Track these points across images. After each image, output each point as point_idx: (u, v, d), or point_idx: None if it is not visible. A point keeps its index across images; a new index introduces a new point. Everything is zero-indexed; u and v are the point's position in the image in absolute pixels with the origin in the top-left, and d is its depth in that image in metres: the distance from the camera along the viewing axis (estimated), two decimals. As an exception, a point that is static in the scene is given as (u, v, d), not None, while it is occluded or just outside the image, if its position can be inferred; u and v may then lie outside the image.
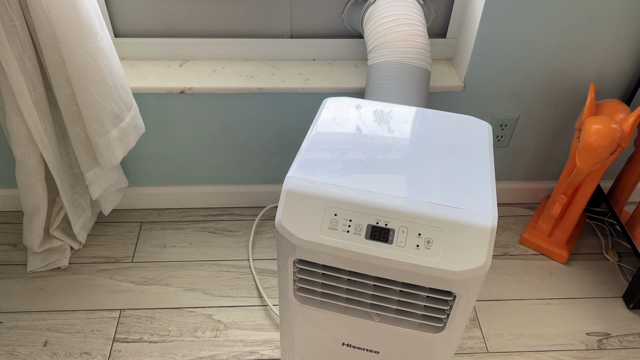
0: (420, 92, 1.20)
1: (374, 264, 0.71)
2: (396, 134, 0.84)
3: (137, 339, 1.29)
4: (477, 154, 0.81)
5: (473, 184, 0.75)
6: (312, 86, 1.33)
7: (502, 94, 1.39)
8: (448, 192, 0.74)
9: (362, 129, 0.84)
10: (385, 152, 0.80)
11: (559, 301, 1.41)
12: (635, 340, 1.33)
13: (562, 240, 1.50)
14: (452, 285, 0.71)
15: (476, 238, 0.70)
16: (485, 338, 1.33)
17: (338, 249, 0.71)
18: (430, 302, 0.74)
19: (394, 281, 0.74)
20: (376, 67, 1.22)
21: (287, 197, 0.74)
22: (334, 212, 0.72)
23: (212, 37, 1.37)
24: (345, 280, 0.77)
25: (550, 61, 1.32)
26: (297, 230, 0.72)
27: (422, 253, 0.70)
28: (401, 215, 0.71)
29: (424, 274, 0.70)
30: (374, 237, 0.71)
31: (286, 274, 0.78)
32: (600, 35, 1.28)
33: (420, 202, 0.72)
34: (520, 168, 1.58)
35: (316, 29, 1.38)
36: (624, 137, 1.22)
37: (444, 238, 0.70)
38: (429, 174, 0.76)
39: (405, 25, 1.21)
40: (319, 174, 0.75)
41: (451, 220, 0.70)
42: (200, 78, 1.34)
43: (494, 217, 0.71)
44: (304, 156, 0.79)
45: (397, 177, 0.76)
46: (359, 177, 0.75)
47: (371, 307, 0.79)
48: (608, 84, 1.38)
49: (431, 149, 0.81)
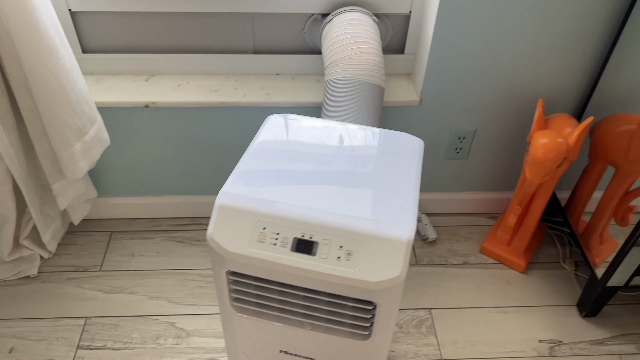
0: (373, 108, 1.25)
1: (298, 275, 0.75)
2: (331, 150, 0.88)
3: (100, 346, 1.32)
4: (405, 169, 0.85)
5: (396, 198, 0.79)
6: (273, 100, 1.38)
7: (459, 108, 1.43)
8: (371, 206, 0.78)
9: (299, 145, 0.89)
10: (317, 168, 0.84)
11: (514, 309, 1.45)
12: (586, 347, 1.37)
13: (520, 250, 1.54)
14: (371, 295, 0.75)
15: (393, 250, 0.74)
16: (440, 345, 1.36)
17: (265, 261, 0.75)
18: (354, 311, 0.78)
19: (321, 291, 0.78)
20: (331, 83, 1.26)
21: (219, 211, 0.78)
22: (263, 226, 0.77)
23: (178, 52, 1.42)
24: (277, 290, 0.81)
25: (503, 77, 1.37)
26: (227, 244, 0.76)
27: (342, 264, 0.74)
28: (325, 229, 0.75)
29: (344, 284, 0.74)
30: (299, 249, 0.75)
31: (221, 285, 0.82)
32: (550, 52, 1.32)
33: (343, 216, 0.76)
34: (481, 179, 1.62)
35: (279, 44, 1.42)
36: (570, 151, 1.26)
37: (363, 250, 0.74)
38: (356, 189, 0.81)
39: (359, 43, 1.26)
40: (252, 189, 0.80)
41: (371, 233, 0.75)
42: (165, 92, 1.38)
43: (411, 231, 0.75)
44: (239, 171, 0.83)
45: (326, 191, 0.80)
46: (290, 191, 0.79)
47: (303, 316, 0.83)
48: (560, 99, 1.42)
49: (362, 164, 0.85)
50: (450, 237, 1.64)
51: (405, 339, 1.38)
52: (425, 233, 1.61)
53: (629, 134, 1.28)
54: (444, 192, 1.65)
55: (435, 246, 1.61)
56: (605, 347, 1.37)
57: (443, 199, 1.66)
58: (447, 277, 1.53)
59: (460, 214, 1.71)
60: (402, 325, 1.40)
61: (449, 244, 1.62)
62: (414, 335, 1.38)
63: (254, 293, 0.82)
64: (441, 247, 1.61)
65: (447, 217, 1.70)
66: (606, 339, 1.39)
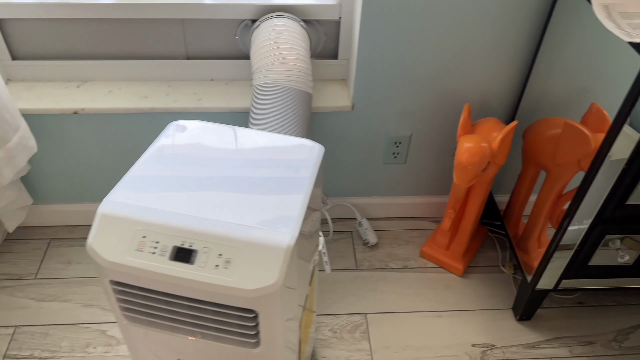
0: (299, 113, 1.25)
1: (177, 284, 0.75)
2: (227, 156, 0.88)
3: (27, 355, 1.31)
4: (299, 175, 0.85)
5: (284, 204, 0.79)
6: (204, 106, 1.37)
7: (392, 113, 1.44)
8: (258, 213, 0.77)
9: (195, 152, 0.88)
10: (210, 175, 0.84)
11: (450, 313, 1.45)
12: (519, 351, 1.37)
13: (459, 254, 1.55)
14: (250, 303, 0.74)
15: (271, 257, 0.73)
16: (372, 350, 1.36)
17: (143, 271, 0.75)
18: (238, 319, 0.78)
19: (204, 300, 0.78)
20: (257, 88, 1.26)
21: (100, 220, 0.77)
22: (143, 234, 0.76)
23: (111, 59, 1.41)
24: (163, 300, 0.80)
25: (432, 82, 1.37)
26: (105, 253, 0.76)
27: (220, 273, 0.73)
28: (205, 237, 0.75)
29: (222, 292, 0.74)
30: (178, 258, 0.75)
31: (109, 295, 0.81)
32: (477, 57, 1.33)
33: (226, 224, 0.76)
34: (421, 183, 1.62)
35: (212, 50, 1.42)
36: (495, 155, 1.26)
37: (242, 258, 0.74)
38: (245, 196, 0.80)
39: (284, 49, 1.25)
40: (137, 196, 0.79)
41: (250, 240, 0.74)
42: (95, 99, 1.37)
43: (292, 237, 0.75)
44: (128, 179, 0.82)
45: (215, 199, 0.79)
46: (177, 199, 0.79)
47: (192, 325, 0.82)
48: (492, 103, 1.43)
49: (255, 171, 0.85)
50: (391, 241, 1.64)
51: (338, 344, 1.37)
52: (366, 237, 1.61)
53: (555, 137, 1.28)
54: (385, 196, 1.65)
55: (376, 250, 1.61)
56: (538, 351, 1.37)
57: (385, 203, 1.66)
58: (386, 282, 1.53)
59: (402, 218, 1.71)
60: (336, 330, 1.40)
61: (390, 248, 1.62)
62: (347, 341, 1.38)
63: (141, 303, 0.81)
64: (382, 251, 1.61)
65: (389, 221, 1.70)
66: (539, 343, 1.39)
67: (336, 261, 1.58)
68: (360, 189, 1.63)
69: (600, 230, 1.17)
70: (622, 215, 1.13)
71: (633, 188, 1.08)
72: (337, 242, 1.64)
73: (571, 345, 1.38)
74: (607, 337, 1.41)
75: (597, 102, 1.14)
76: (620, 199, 1.10)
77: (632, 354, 1.37)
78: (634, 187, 1.08)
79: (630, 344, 1.39)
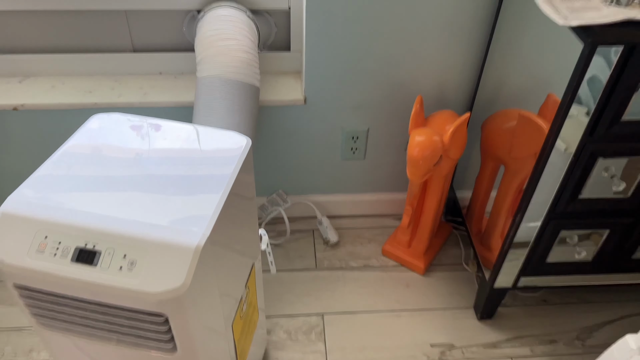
0: (245, 107, 1.20)
1: (80, 287, 0.70)
2: (148, 152, 0.83)
3: (-35, 362, 1.26)
4: (219, 171, 0.80)
5: (198, 201, 0.74)
6: (149, 100, 1.32)
7: (347, 107, 1.39)
8: (167, 212, 0.72)
9: (113, 147, 0.83)
10: (125, 172, 0.79)
11: (410, 313, 1.41)
12: (478, 351, 1.33)
13: (420, 252, 1.50)
14: (157, 306, 0.69)
15: (178, 258, 0.68)
16: (327, 352, 1.31)
17: (43, 273, 0.70)
18: (149, 324, 0.73)
19: (113, 304, 0.73)
20: (200, 81, 1.21)
21: (0, 220, 0.72)
22: (45, 235, 0.71)
23: (54, 52, 1.36)
24: (72, 304, 0.75)
25: (387, 73, 1.33)
26: (4, 255, 0.71)
27: (124, 275, 0.69)
28: (110, 237, 0.70)
29: (127, 296, 0.69)
30: (80, 259, 0.70)
31: (17, 299, 0.76)
32: (430, 47, 1.28)
33: (134, 223, 0.71)
34: (382, 179, 1.58)
35: (160, 42, 1.37)
36: (447, 148, 1.22)
37: (148, 259, 0.69)
38: (158, 194, 0.75)
39: (227, 39, 1.20)
40: (42, 195, 0.74)
41: (158, 240, 0.69)
42: (36, 94, 1.32)
43: (203, 236, 0.70)
44: (36, 177, 0.77)
45: (126, 197, 0.74)
46: (85, 198, 0.74)
47: (106, 330, 0.77)
48: (449, 96, 1.38)
49: (174, 167, 0.80)
50: (353, 239, 1.60)
51: (293, 346, 1.32)
52: (326, 236, 1.57)
53: (511, 130, 1.24)
54: (346, 193, 1.61)
55: (337, 249, 1.57)
56: (499, 351, 1.33)
57: (346, 201, 1.62)
58: (345, 281, 1.48)
59: (364, 215, 1.66)
60: (291, 332, 1.35)
61: (352, 246, 1.58)
62: (301, 343, 1.33)
63: (50, 307, 0.76)
64: (343, 250, 1.56)
65: (351, 219, 1.65)
66: (500, 342, 1.35)
67: (296, 261, 1.53)
68: (320, 186, 1.58)
69: (554, 226, 1.12)
70: (576, 209, 1.09)
71: (584, 181, 1.04)
72: (297, 241, 1.59)
73: (533, 344, 1.34)
74: (570, 336, 1.36)
75: (554, 92, 1.09)
76: (573, 193, 1.06)
77: (595, 352, 1.33)
78: (585, 181, 1.03)
79: (594, 342, 1.35)
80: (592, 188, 1.06)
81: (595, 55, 0.85)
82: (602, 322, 1.39)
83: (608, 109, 0.92)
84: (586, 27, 0.85)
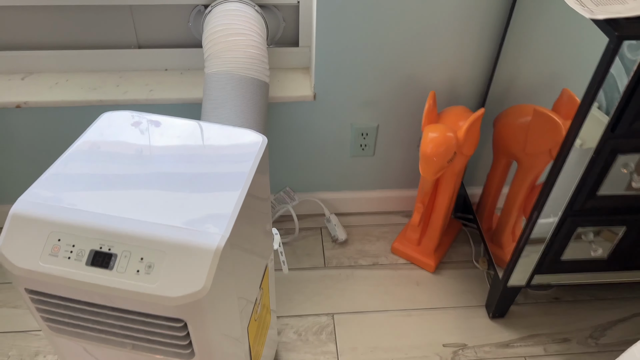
0: (254, 103, 1.17)
1: (95, 292, 0.67)
2: (160, 151, 0.80)
3: (-30, 366, 1.23)
4: (236, 170, 0.77)
5: (216, 202, 0.72)
6: (155, 97, 1.30)
7: (357, 103, 1.36)
8: (185, 212, 0.70)
9: (126, 146, 0.81)
10: (140, 171, 0.76)
11: (421, 312, 1.39)
12: (491, 350, 1.31)
13: (430, 249, 1.48)
14: (175, 311, 0.67)
15: (198, 261, 0.66)
16: (339, 353, 1.29)
17: (57, 277, 0.67)
18: (166, 329, 0.71)
19: (129, 309, 0.70)
20: (208, 77, 1.18)
21: (12, 222, 0.69)
22: (58, 237, 0.68)
23: (57, 49, 1.33)
24: (86, 309, 0.73)
25: (398, 68, 1.30)
26: (16, 259, 0.68)
27: (141, 279, 0.66)
28: (126, 239, 0.68)
29: (144, 300, 0.66)
30: (95, 263, 0.67)
31: (28, 304, 0.74)
32: (443, 41, 1.26)
33: (151, 224, 0.68)
34: (391, 176, 1.55)
35: (165, 38, 1.34)
36: (461, 145, 1.20)
37: (166, 262, 0.66)
38: (176, 193, 0.73)
39: (235, 35, 1.18)
40: (55, 195, 0.71)
41: (176, 242, 0.67)
42: (40, 92, 1.29)
43: (222, 238, 0.67)
44: (47, 176, 0.75)
45: (142, 197, 0.72)
46: (100, 198, 0.71)
47: (121, 335, 0.75)
48: (460, 90, 1.36)
49: (190, 166, 0.78)
50: (362, 237, 1.58)
51: (303, 347, 1.30)
52: (335, 234, 1.54)
53: (525, 126, 1.22)
54: (354, 190, 1.58)
55: (345, 247, 1.54)
56: (511, 350, 1.31)
57: (354, 198, 1.59)
58: (355, 280, 1.46)
59: (373, 213, 1.64)
60: (301, 332, 1.33)
61: (360, 244, 1.56)
62: (312, 344, 1.31)
63: (63, 312, 0.74)
64: (352, 248, 1.54)
65: (359, 216, 1.63)
66: (512, 341, 1.33)
67: (304, 259, 1.51)
68: (329, 184, 1.56)
69: (571, 223, 1.11)
70: (594, 206, 1.07)
71: (603, 178, 1.02)
72: (305, 239, 1.57)
73: (546, 343, 1.33)
74: (584, 334, 1.35)
75: (569, 87, 1.07)
76: (591, 190, 1.04)
77: (608, 350, 1.32)
78: (604, 177, 1.01)
79: (607, 341, 1.33)
80: (610, 185, 1.04)
81: (620, 49, 0.83)
82: (615, 320, 1.38)
83: (631, 105, 0.90)
84: (611, 21, 0.83)
